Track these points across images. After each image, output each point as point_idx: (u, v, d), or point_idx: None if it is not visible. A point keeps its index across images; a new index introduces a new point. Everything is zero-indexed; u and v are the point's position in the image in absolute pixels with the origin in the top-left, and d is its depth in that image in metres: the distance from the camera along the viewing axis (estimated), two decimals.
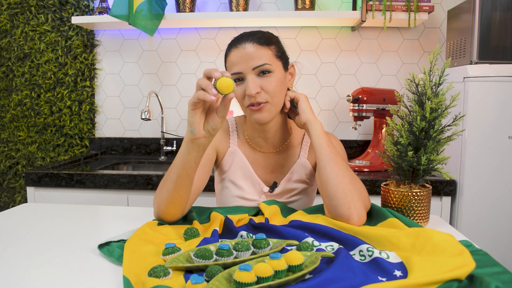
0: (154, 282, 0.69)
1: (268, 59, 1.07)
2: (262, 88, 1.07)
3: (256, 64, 1.06)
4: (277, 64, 1.10)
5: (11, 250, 0.90)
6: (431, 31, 2.20)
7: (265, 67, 1.07)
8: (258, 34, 1.10)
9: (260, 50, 1.07)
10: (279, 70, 1.10)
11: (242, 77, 1.08)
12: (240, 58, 1.07)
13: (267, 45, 1.09)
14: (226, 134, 1.23)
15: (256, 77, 1.07)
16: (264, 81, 1.07)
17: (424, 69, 1.04)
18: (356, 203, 0.99)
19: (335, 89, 2.27)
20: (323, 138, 1.07)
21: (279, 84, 1.09)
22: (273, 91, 1.07)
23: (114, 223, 1.12)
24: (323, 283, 0.66)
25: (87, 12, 2.31)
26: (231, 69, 1.09)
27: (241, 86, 1.08)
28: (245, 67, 1.07)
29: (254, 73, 1.07)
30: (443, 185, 1.73)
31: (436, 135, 1.01)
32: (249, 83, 1.06)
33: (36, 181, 1.86)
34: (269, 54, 1.08)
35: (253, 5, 2.24)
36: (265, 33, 1.12)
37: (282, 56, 1.12)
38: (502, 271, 0.76)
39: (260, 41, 1.08)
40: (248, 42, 1.08)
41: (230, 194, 1.20)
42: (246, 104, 1.09)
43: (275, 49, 1.10)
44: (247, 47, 1.07)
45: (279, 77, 1.09)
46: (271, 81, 1.07)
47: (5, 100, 2.41)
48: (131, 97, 2.38)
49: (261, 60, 1.06)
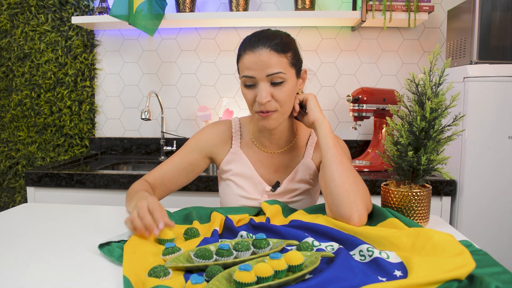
0: (154, 282, 0.69)
1: (283, 67, 1.06)
2: (273, 96, 1.06)
3: (270, 72, 1.05)
4: (291, 72, 1.08)
5: (11, 250, 0.90)
6: (431, 31, 2.20)
7: (279, 76, 1.05)
8: (276, 40, 1.06)
9: (276, 58, 1.05)
10: (292, 78, 1.09)
11: (254, 82, 1.07)
12: (255, 64, 1.05)
13: (284, 52, 1.06)
14: (227, 136, 1.24)
15: (269, 85, 1.06)
16: (276, 90, 1.06)
17: (424, 69, 1.04)
18: (358, 203, 0.99)
19: (335, 89, 2.27)
20: (330, 137, 1.07)
21: (290, 93, 1.08)
22: (283, 100, 1.07)
23: (114, 223, 1.12)
24: (323, 283, 0.66)
25: (87, 12, 2.31)
26: (245, 72, 1.07)
27: (253, 91, 1.08)
28: (258, 73, 1.05)
29: (267, 80, 1.06)
30: (443, 185, 1.73)
31: (436, 135, 1.01)
32: (261, 91, 1.05)
33: (36, 181, 1.86)
34: (285, 62, 1.06)
35: (253, 5, 2.24)
36: (283, 38, 1.08)
37: (297, 63, 1.11)
38: (502, 271, 0.76)
39: (277, 48, 1.05)
40: (265, 48, 1.04)
41: (232, 193, 1.20)
42: (255, 110, 1.09)
43: (291, 56, 1.08)
44: (263, 54, 1.04)
45: (291, 86, 1.08)
46: (283, 91, 1.06)
47: (5, 100, 2.41)
48: (131, 97, 2.38)
49: (275, 68, 1.05)
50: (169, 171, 1.22)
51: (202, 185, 1.80)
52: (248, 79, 1.07)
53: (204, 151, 1.23)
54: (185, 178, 1.23)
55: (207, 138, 1.23)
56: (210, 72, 2.31)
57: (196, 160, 1.22)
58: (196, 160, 1.22)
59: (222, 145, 1.23)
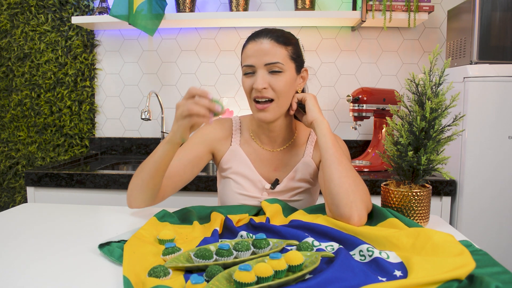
0: (154, 282, 0.69)
1: (282, 58, 1.09)
2: (270, 85, 1.09)
3: (268, 61, 1.08)
4: (290, 65, 1.11)
5: (11, 250, 0.90)
6: (431, 31, 2.20)
7: (277, 66, 1.08)
8: (278, 32, 1.12)
9: (276, 48, 1.09)
10: (290, 71, 1.11)
11: (254, 71, 1.10)
12: (255, 51, 1.09)
13: (285, 44, 1.10)
14: (228, 133, 1.24)
15: (267, 73, 1.09)
16: (273, 79, 1.09)
17: (424, 69, 1.04)
18: (358, 203, 0.99)
19: (335, 89, 2.27)
20: (329, 137, 1.08)
21: (287, 84, 1.10)
22: (280, 90, 1.09)
23: (114, 223, 1.12)
24: (323, 283, 0.66)
25: (87, 12, 2.31)
26: (245, 61, 1.11)
27: (251, 79, 1.11)
28: (257, 61, 1.09)
29: (266, 69, 1.09)
30: (443, 185, 1.73)
31: (436, 135, 1.01)
32: (258, 77, 1.08)
33: (36, 181, 1.86)
34: (284, 54, 1.10)
35: (253, 5, 2.24)
36: (286, 33, 1.14)
37: (297, 59, 1.14)
38: (502, 271, 0.76)
39: (278, 39, 1.10)
40: (266, 38, 1.09)
41: (231, 191, 1.20)
42: (252, 97, 1.11)
43: (291, 50, 1.12)
44: (264, 43, 1.09)
45: (289, 78, 1.11)
46: (280, 80, 1.09)
47: (5, 100, 2.41)
48: (131, 97, 2.38)
49: (274, 58, 1.08)
50: (174, 165, 1.17)
51: (202, 185, 1.80)
52: (247, 68, 1.11)
53: (208, 145, 1.22)
54: (190, 173, 1.19)
55: (210, 132, 1.23)
56: (210, 72, 2.31)
57: (201, 153, 1.20)
58: (201, 153, 1.20)
59: (224, 140, 1.24)
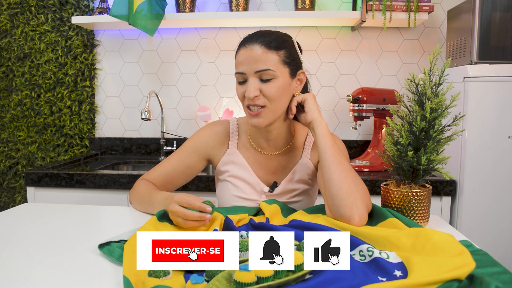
0: (154, 282, 0.69)
1: (273, 64, 1.06)
2: (262, 92, 1.07)
3: (258, 68, 1.05)
4: (283, 70, 1.08)
5: (11, 250, 0.90)
6: (431, 31, 2.20)
7: (267, 73, 1.06)
8: (269, 36, 1.08)
9: (266, 54, 1.05)
10: (283, 76, 1.08)
11: (245, 78, 1.08)
12: (246, 59, 1.06)
13: (276, 49, 1.07)
14: (225, 138, 1.24)
15: (258, 80, 1.07)
16: (265, 86, 1.06)
17: (424, 69, 1.04)
18: (358, 203, 0.98)
19: (335, 89, 2.27)
20: (327, 138, 1.07)
21: (279, 90, 1.07)
22: (272, 96, 1.07)
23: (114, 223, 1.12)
24: (323, 283, 0.66)
25: (87, 12, 2.31)
26: (237, 68, 1.09)
27: (243, 87, 1.09)
28: (248, 68, 1.06)
29: (256, 76, 1.07)
30: (443, 185, 1.73)
31: (436, 135, 1.01)
32: (249, 86, 1.06)
33: (36, 181, 1.86)
34: (275, 59, 1.06)
35: (253, 5, 2.24)
36: (278, 36, 1.09)
37: (291, 63, 1.10)
38: (502, 271, 0.76)
39: (269, 44, 1.06)
40: (256, 44, 1.06)
41: (229, 194, 1.20)
42: (245, 104, 1.10)
43: (284, 55, 1.08)
44: (254, 49, 1.06)
45: (282, 84, 1.08)
46: (272, 87, 1.06)
47: (5, 100, 2.41)
48: (131, 97, 2.37)
49: (265, 65, 1.05)
50: (168, 173, 1.25)
51: (202, 185, 1.80)
52: (239, 76, 1.09)
53: (202, 154, 1.24)
54: (183, 180, 1.28)
55: (204, 141, 1.23)
56: (210, 72, 2.31)
57: (194, 163, 1.24)
58: (194, 163, 1.24)
59: (220, 146, 1.23)
